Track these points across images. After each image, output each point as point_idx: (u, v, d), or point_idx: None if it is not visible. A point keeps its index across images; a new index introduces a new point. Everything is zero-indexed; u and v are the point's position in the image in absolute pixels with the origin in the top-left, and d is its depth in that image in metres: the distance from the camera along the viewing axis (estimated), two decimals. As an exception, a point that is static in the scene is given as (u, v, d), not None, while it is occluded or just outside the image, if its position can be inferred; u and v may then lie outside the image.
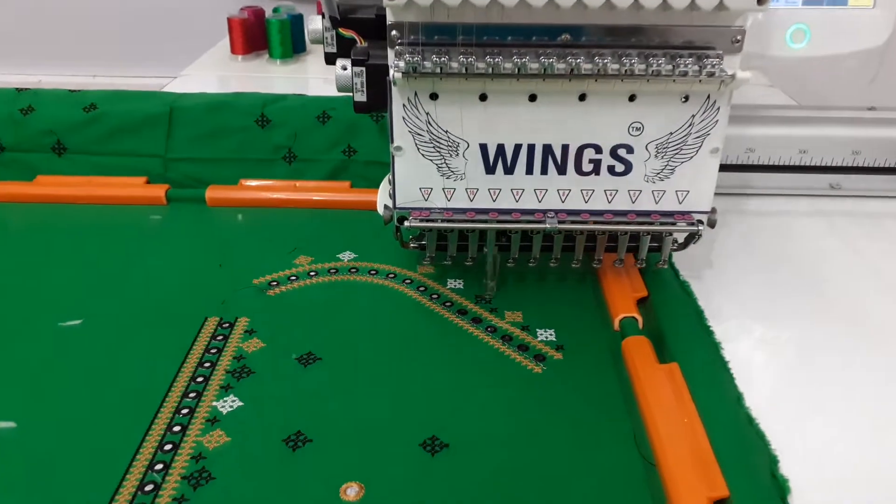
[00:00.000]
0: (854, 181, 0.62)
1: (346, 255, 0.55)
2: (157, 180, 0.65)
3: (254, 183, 0.64)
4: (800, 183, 0.62)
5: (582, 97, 0.41)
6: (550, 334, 0.47)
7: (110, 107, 0.66)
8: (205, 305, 0.49)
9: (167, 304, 0.49)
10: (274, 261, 0.54)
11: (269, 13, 0.93)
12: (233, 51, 0.94)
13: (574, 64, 0.39)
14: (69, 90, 0.67)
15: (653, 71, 0.40)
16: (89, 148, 0.65)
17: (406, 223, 0.44)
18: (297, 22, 0.92)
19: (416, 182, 0.44)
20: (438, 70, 0.40)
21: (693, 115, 0.42)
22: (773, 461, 0.36)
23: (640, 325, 0.47)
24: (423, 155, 0.43)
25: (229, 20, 0.92)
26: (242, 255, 0.55)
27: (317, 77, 0.86)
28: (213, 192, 0.62)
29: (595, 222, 0.44)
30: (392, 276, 0.53)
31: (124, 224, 0.60)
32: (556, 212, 0.44)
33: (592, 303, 0.50)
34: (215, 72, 0.90)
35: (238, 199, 0.63)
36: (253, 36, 0.93)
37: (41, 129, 0.65)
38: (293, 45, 0.92)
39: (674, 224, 0.45)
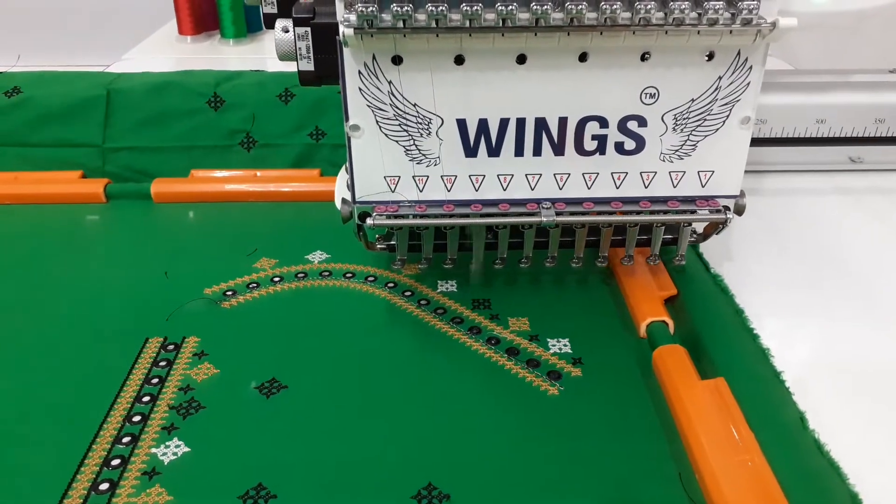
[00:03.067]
0: (877, 153, 0.57)
1: (317, 256, 0.49)
2: (94, 174, 0.59)
3: (207, 174, 0.59)
4: (817, 157, 0.57)
5: (583, 57, 0.35)
6: (564, 345, 0.41)
7: (37, 90, 0.60)
8: (146, 323, 0.43)
9: (101, 322, 0.43)
10: (230, 266, 0.48)
11: None
12: (180, 31, 0.88)
13: (574, 12, 0.33)
14: None
15: (674, 19, 0.33)
16: (14, 139, 0.59)
17: (369, 221, 0.38)
18: (251, -4, 0.87)
19: (379, 169, 0.38)
20: (401, 24, 0.33)
21: (720, 77, 0.36)
22: (855, 501, 0.30)
23: (672, 331, 0.41)
24: (386, 135, 0.37)
25: None
26: (193, 260, 0.49)
27: (276, 57, 0.80)
28: (159, 187, 0.57)
29: (600, 213, 0.38)
30: (372, 279, 0.47)
31: (55, 227, 0.54)
32: (553, 201, 0.39)
33: (611, 304, 0.44)
34: (161, 55, 0.84)
35: (189, 193, 0.57)
36: (202, 14, 0.87)
37: (-47, 119, 0.60)
38: (248, 22, 0.87)
39: (695, 212, 0.38)
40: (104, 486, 0.32)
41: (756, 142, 0.55)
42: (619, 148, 0.38)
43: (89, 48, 1.06)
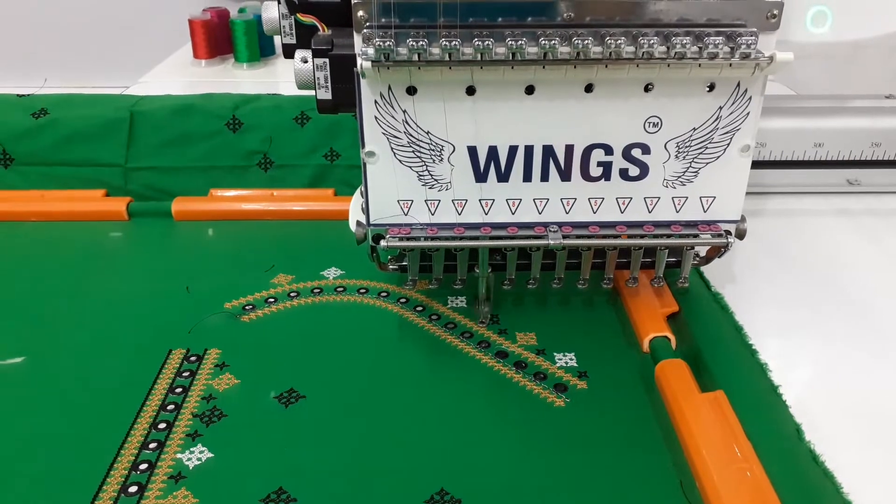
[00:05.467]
0: (873, 176, 0.58)
1: (332, 272, 0.50)
2: (117, 193, 0.60)
3: (225, 193, 0.60)
4: (815, 179, 0.58)
5: (588, 88, 0.36)
6: (570, 359, 0.41)
7: (63, 112, 0.61)
8: (169, 335, 0.43)
9: (125, 335, 0.44)
10: (249, 281, 0.49)
11: (234, 14, 0.88)
12: (195, 55, 0.89)
13: (580, 47, 0.33)
14: (17, 94, 0.62)
15: (675, 53, 0.34)
16: (40, 158, 0.60)
17: (382, 242, 0.38)
18: (265, 23, 0.89)
19: (393, 194, 0.38)
20: (416, 57, 0.34)
21: (720, 107, 0.37)
22: None
23: (674, 346, 0.41)
24: (400, 161, 0.38)
25: (191, 22, 0.87)
26: (213, 275, 0.50)
27: (288, 81, 0.81)
28: (179, 205, 0.58)
29: (605, 236, 0.39)
30: (384, 294, 0.47)
31: (79, 243, 0.54)
32: (560, 225, 0.39)
33: (616, 321, 0.45)
34: (177, 78, 0.85)
35: (208, 211, 0.58)
36: (217, 38, 0.88)
37: (-16, 139, 0.60)
38: (261, 47, 0.88)
39: (697, 236, 0.39)
40: (133, 489, 0.33)
41: (757, 164, 0.56)
42: (624, 174, 0.38)
43: (109, 71, 1.09)
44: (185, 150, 0.60)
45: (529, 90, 0.36)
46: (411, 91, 0.36)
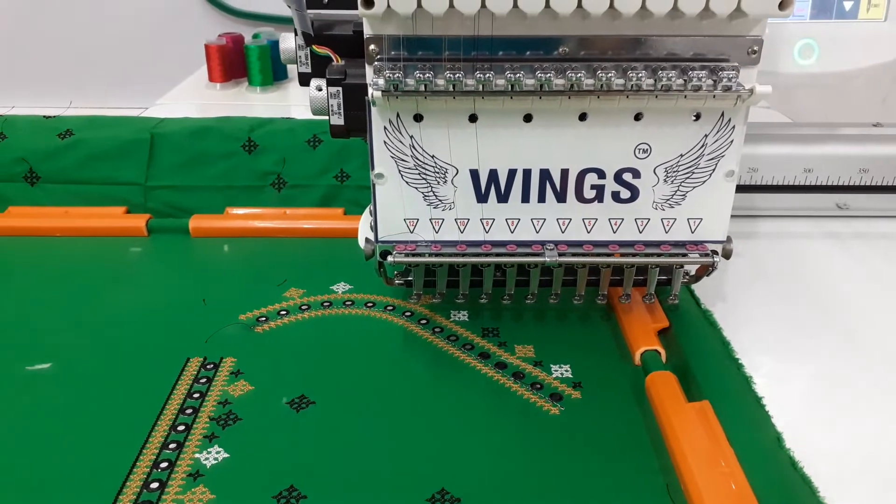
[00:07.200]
0: (862, 201, 0.59)
1: (341, 287, 0.52)
2: (137, 210, 0.62)
3: (240, 211, 0.61)
4: (805, 203, 0.59)
5: (582, 117, 0.38)
6: (566, 370, 0.43)
7: (87, 133, 0.63)
8: (187, 344, 0.45)
9: (146, 343, 0.46)
10: (262, 294, 0.50)
11: (248, 39, 0.90)
12: (211, 79, 0.90)
13: (574, 79, 0.36)
14: (44, 116, 0.64)
15: (662, 86, 0.36)
16: (65, 176, 0.62)
17: (389, 258, 0.40)
18: (277, 48, 0.89)
19: (399, 213, 0.40)
20: (422, 88, 0.36)
21: (706, 135, 0.39)
22: None
23: (664, 359, 0.43)
24: (407, 183, 0.40)
25: (207, 47, 0.88)
26: (228, 288, 0.52)
27: (299, 105, 0.82)
28: (197, 222, 0.59)
29: (598, 254, 0.41)
30: (391, 308, 0.49)
31: (101, 257, 0.56)
32: (556, 243, 0.41)
33: (609, 335, 0.46)
34: (192, 100, 0.86)
35: (224, 228, 0.60)
36: (232, 63, 0.90)
37: (13, 158, 0.62)
38: (274, 72, 0.90)
39: (685, 255, 0.41)
40: (154, 485, 0.35)
41: (749, 189, 0.57)
42: (616, 196, 0.40)
43: (129, 93, 1.12)
44: (202, 170, 0.62)
45: (527, 118, 0.38)
46: (418, 118, 0.38)
